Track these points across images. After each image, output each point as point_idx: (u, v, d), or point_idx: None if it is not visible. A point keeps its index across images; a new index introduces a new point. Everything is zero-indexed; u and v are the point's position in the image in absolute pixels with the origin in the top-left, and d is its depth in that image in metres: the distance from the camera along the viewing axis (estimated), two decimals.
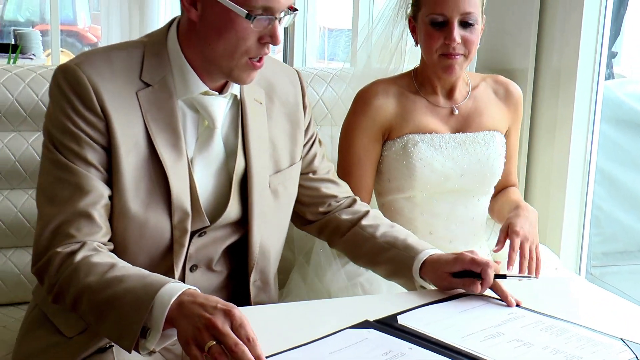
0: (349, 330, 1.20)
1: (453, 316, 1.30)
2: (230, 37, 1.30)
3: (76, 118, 1.29)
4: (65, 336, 1.36)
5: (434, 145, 1.83)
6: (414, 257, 1.47)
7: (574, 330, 1.27)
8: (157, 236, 1.35)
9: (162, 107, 1.34)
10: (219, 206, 1.43)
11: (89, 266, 1.23)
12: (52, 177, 1.30)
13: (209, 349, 1.06)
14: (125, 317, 1.15)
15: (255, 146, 1.45)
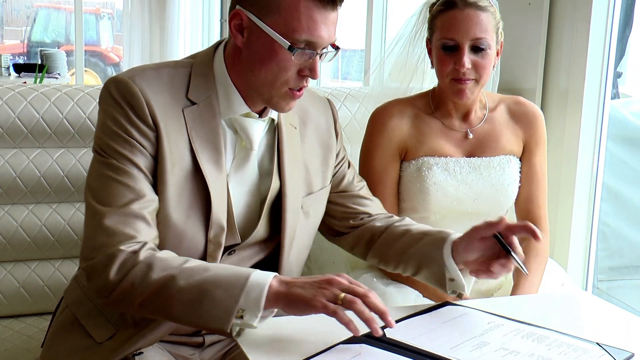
0: (341, 346, 1.19)
1: (438, 327, 1.29)
2: (272, 66, 1.32)
3: (129, 126, 1.30)
4: (95, 341, 1.36)
5: (448, 170, 1.80)
6: (445, 238, 1.44)
7: (552, 336, 1.28)
8: (192, 248, 1.35)
9: (206, 125, 1.36)
10: (249, 225, 1.44)
11: (162, 261, 1.24)
12: (105, 179, 1.29)
13: (342, 299, 1.16)
14: (220, 301, 1.18)
15: (290, 169, 1.46)
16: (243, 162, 1.41)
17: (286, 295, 1.20)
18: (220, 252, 1.38)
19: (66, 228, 1.89)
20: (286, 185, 1.45)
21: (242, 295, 1.19)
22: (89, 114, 1.89)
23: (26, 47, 9.67)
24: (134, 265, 1.23)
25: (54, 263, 1.92)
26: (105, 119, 1.33)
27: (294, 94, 1.36)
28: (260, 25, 1.30)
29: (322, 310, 1.18)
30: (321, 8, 1.29)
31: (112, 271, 1.23)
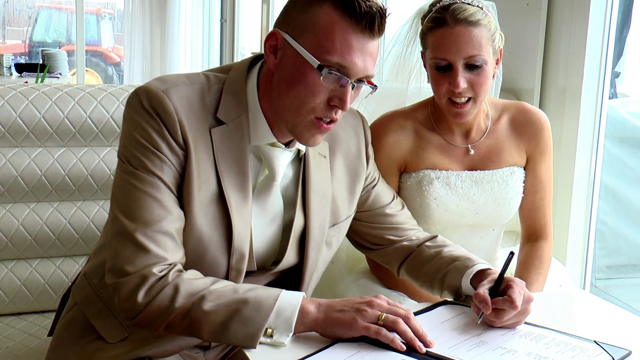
0: (340, 344, 1.20)
1: (436, 327, 1.29)
2: (300, 89, 1.25)
3: (159, 141, 1.26)
4: (106, 341, 1.35)
5: (449, 185, 1.73)
6: (470, 266, 1.43)
7: (550, 335, 1.28)
8: (213, 272, 1.32)
9: (233, 147, 1.31)
10: (269, 255, 1.41)
11: (189, 283, 1.23)
12: (132, 191, 1.26)
13: (384, 319, 1.20)
14: (248, 319, 1.19)
15: (317, 202, 1.41)
16: (264, 191, 1.36)
17: (325, 321, 1.21)
18: (241, 279, 1.36)
19: (67, 227, 1.89)
20: (311, 219, 1.40)
21: (272, 315, 1.20)
22: (90, 114, 1.89)
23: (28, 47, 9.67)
24: (162, 288, 1.22)
25: (55, 261, 1.92)
26: (132, 129, 1.28)
27: (321, 125, 1.28)
28: (293, 44, 1.25)
29: (363, 332, 1.19)
30: (358, 33, 1.23)
31: (141, 294, 1.22)
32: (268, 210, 1.38)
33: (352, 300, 1.24)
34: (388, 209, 1.59)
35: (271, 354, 1.18)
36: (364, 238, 1.61)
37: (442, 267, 1.48)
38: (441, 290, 1.48)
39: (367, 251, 1.64)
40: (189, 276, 1.25)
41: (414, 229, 1.61)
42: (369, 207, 1.57)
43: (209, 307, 1.21)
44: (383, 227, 1.58)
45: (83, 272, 1.47)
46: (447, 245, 1.55)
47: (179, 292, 1.22)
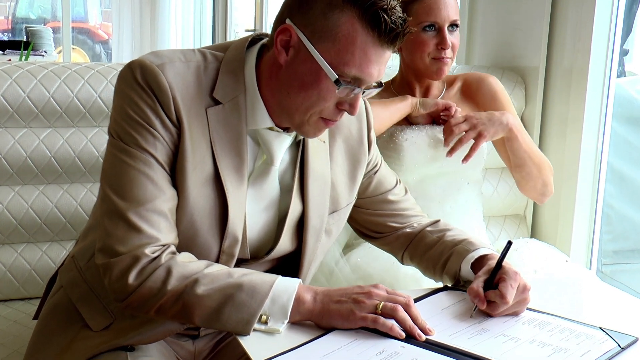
0: (337, 332, 1.20)
1: (436, 314, 1.30)
2: (312, 94, 1.26)
3: (153, 117, 1.26)
4: (90, 329, 1.36)
5: (418, 129, 1.96)
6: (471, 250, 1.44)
7: (554, 322, 1.28)
8: (204, 255, 1.32)
9: (230, 128, 1.31)
10: (263, 243, 1.41)
11: (182, 266, 1.23)
12: (124, 168, 1.26)
13: (382, 308, 1.21)
14: (242, 305, 1.20)
15: (315, 188, 1.41)
16: (262, 176, 1.37)
17: (321, 312, 1.22)
18: (233, 263, 1.36)
19: (54, 211, 1.89)
20: (309, 207, 1.41)
21: (267, 301, 1.20)
22: (76, 93, 1.88)
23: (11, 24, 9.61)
24: (154, 270, 1.22)
25: (41, 246, 1.92)
26: (124, 104, 1.27)
27: (327, 123, 1.31)
28: (310, 49, 1.24)
29: (361, 323, 1.20)
30: (377, 46, 1.24)
31: (132, 275, 1.22)
32: (264, 196, 1.38)
33: (350, 290, 1.25)
34: (391, 195, 1.59)
35: (266, 342, 1.18)
36: (365, 226, 1.61)
37: (444, 252, 1.49)
38: (442, 275, 1.49)
39: (369, 239, 1.65)
40: (183, 259, 1.25)
41: (418, 215, 1.62)
42: (370, 193, 1.57)
43: (202, 291, 1.21)
44: (385, 214, 1.58)
45: (71, 254, 1.47)
46: (450, 229, 1.55)
47: (171, 275, 1.22)
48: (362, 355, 1.13)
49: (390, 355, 1.13)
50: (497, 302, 1.28)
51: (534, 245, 2.20)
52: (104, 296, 1.36)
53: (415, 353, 1.14)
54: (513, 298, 1.28)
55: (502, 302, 1.27)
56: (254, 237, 1.39)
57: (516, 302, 1.30)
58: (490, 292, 1.30)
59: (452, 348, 1.16)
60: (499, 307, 1.29)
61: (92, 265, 1.35)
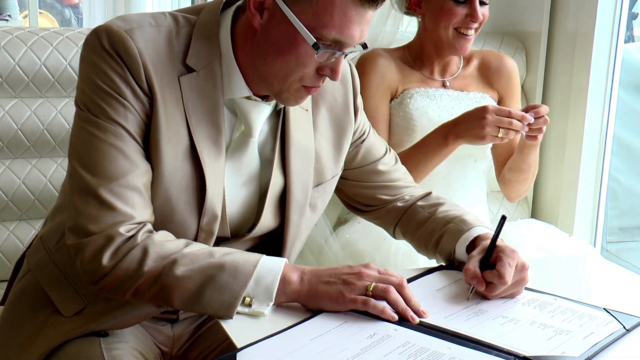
0: (325, 314, 1.21)
1: (430, 295, 1.30)
2: (289, 60, 1.25)
3: (122, 86, 1.25)
4: (61, 314, 1.35)
5: (429, 97, 1.99)
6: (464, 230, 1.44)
7: (555, 302, 1.29)
8: (181, 233, 1.31)
9: (205, 97, 1.30)
10: (244, 220, 1.41)
11: (160, 245, 1.23)
12: (94, 141, 1.25)
13: (372, 289, 1.21)
14: (225, 287, 1.20)
15: (298, 160, 1.41)
16: (240, 149, 1.36)
17: (309, 293, 1.22)
18: (212, 241, 1.36)
19: (21, 187, 1.88)
20: (291, 180, 1.40)
21: (251, 282, 1.20)
22: (44, 61, 1.86)
23: None
24: (129, 250, 1.22)
25: (8, 225, 1.91)
26: (91, 73, 1.26)
27: (309, 90, 1.30)
28: (285, 11, 1.22)
29: (351, 306, 1.20)
30: (358, 5, 1.22)
31: (106, 256, 1.21)
32: (243, 170, 1.38)
33: (340, 270, 1.25)
34: (380, 164, 1.59)
35: (249, 325, 1.18)
36: (354, 199, 1.61)
37: (436, 230, 1.49)
38: (434, 254, 1.50)
39: (358, 212, 1.65)
40: (160, 237, 1.25)
41: (409, 186, 1.62)
42: (358, 163, 1.57)
43: (181, 272, 1.21)
44: (375, 185, 1.59)
45: (39, 235, 1.47)
46: (441, 203, 1.55)
47: (148, 255, 1.22)
48: (351, 339, 1.13)
49: (382, 339, 1.13)
50: (494, 282, 1.28)
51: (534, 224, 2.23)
52: (76, 280, 1.36)
53: (409, 336, 1.14)
54: (512, 278, 1.29)
55: (500, 282, 1.28)
56: (234, 214, 1.38)
57: (514, 282, 1.30)
58: (486, 272, 1.29)
59: (447, 331, 1.17)
60: (497, 289, 1.29)
61: (62, 247, 1.35)
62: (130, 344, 1.36)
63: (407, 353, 1.09)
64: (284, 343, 1.12)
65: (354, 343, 1.12)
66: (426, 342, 1.12)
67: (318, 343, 1.12)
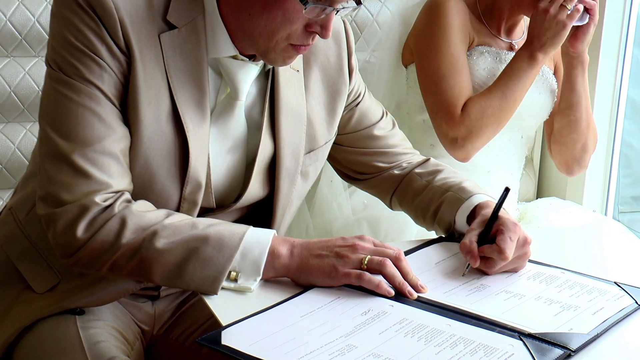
0: (316, 290, 1.21)
1: (429, 269, 1.30)
2: (276, 16, 1.24)
3: (98, 45, 1.23)
4: (33, 291, 1.35)
5: (499, 59, 1.97)
6: (464, 199, 1.44)
7: (563, 276, 1.30)
8: (162, 203, 1.31)
9: (188, 57, 1.29)
10: (230, 189, 1.41)
11: (139, 216, 1.22)
12: (66, 103, 1.24)
13: (367, 262, 1.21)
14: (209, 260, 1.20)
15: (288, 125, 1.40)
16: (225, 113, 1.35)
17: (300, 267, 1.22)
18: (196, 212, 1.36)
19: None
20: (281, 146, 1.40)
21: (237, 255, 1.20)
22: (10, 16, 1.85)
23: None
24: (106, 221, 1.21)
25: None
26: (63, 29, 1.25)
27: (298, 49, 1.29)
28: None
29: (344, 280, 1.21)
30: None
31: (81, 227, 1.21)
32: (229, 136, 1.37)
33: (332, 242, 1.25)
34: (376, 129, 1.58)
35: (236, 302, 1.18)
36: (348, 166, 1.61)
37: (433, 200, 1.49)
38: (433, 225, 1.50)
39: (353, 181, 1.65)
40: (139, 207, 1.25)
41: (407, 152, 1.62)
42: (353, 128, 1.57)
43: (162, 245, 1.21)
44: (370, 152, 1.58)
45: (8, 206, 1.47)
46: (439, 170, 1.55)
47: (126, 226, 1.21)
48: (345, 315, 1.14)
49: (377, 315, 1.14)
50: (494, 258, 1.29)
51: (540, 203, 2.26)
52: (48, 253, 1.36)
53: (406, 312, 1.15)
54: (513, 253, 1.29)
55: (500, 257, 1.28)
56: (219, 182, 1.38)
57: (516, 257, 1.30)
58: (486, 246, 1.30)
59: (447, 307, 1.17)
60: (496, 264, 1.29)
61: (34, 218, 1.35)
62: (108, 322, 1.36)
63: (404, 330, 1.10)
64: (272, 320, 1.12)
65: (348, 320, 1.12)
66: (424, 319, 1.13)
67: (309, 320, 1.12)
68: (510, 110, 1.88)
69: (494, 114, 1.86)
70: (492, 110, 1.85)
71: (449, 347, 1.05)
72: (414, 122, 2.04)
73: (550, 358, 1.03)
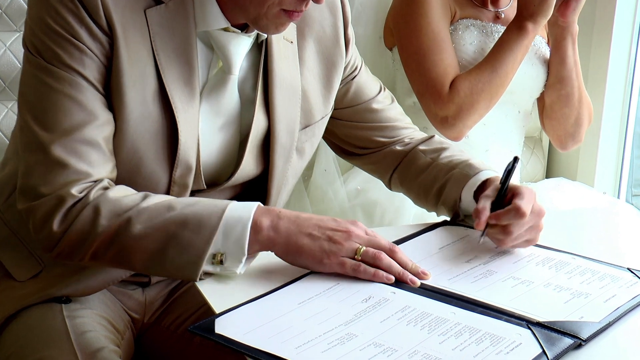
0: (314, 275, 1.21)
1: (433, 254, 1.31)
2: None
3: (78, 28, 1.23)
4: (15, 279, 1.36)
5: (486, 33, 1.98)
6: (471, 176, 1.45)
7: (574, 262, 1.30)
8: (151, 188, 1.31)
9: (176, 32, 1.29)
10: (222, 168, 1.41)
11: (113, 202, 1.22)
12: (46, 91, 1.23)
13: (362, 253, 1.20)
14: (187, 245, 1.18)
15: (282, 99, 1.40)
16: (218, 88, 1.35)
17: (287, 244, 1.21)
18: (187, 194, 1.35)
19: None
20: (276, 121, 1.40)
21: (218, 235, 1.19)
22: None
23: None
24: (80, 211, 1.21)
25: None
26: (42, 10, 1.24)
27: (290, 15, 1.28)
28: None
29: (337, 269, 1.20)
30: None
31: (57, 220, 1.21)
32: (221, 112, 1.37)
33: (325, 223, 1.24)
34: (375, 103, 1.59)
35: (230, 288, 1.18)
36: (347, 141, 1.61)
37: (438, 177, 1.49)
38: (436, 205, 1.50)
39: (351, 158, 1.65)
40: (115, 193, 1.24)
41: (408, 127, 1.62)
42: (350, 102, 1.57)
43: (138, 231, 1.20)
44: (370, 126, 1.59)
45: None
46: (445, 148, 1.56)
47: (100, 214, 1.21)
48: (344, 302, 1.14)
49: (378, 303, 1.14)
50: (510, 221, 1.28)
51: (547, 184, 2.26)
52: (29, 240, 1.36)
53: (408, 300, 1.15)
54: (529, 213, 1.29)
55: (517, 216, 1.28)
56: (211, 161, 1.38)
57: (529, 227, 1.31)
58: (500, 212, 1.30)
59: (451, 294, 1.17)
60: (514, 229, 1.29)
61: (14, 203, 1.34)
62: (96, 311, 1.37)
63: (407, 319, 1.10)
64: (268, 308, 1.12)
65: (347, 307, 1.12)
66: (428, 307, 1.13)
67: (306, 308, 1.12)
68: (502, 85, 1.88)
69: (485, 89, 1.86)
70: (483, 85, 1.86)
71: (454, 337, 1.05)
72: (404, 105, 2.04)
73: (559, 348, 1.03)
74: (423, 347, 1.03)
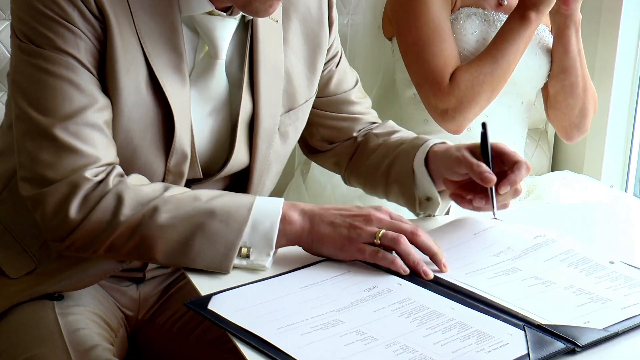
0: (327, 262, 1.22)
1: (465, 242, 1.29)
2: None
3: (70, 10, 1.22)
4: (7, 276, 1.35)
5: (488, 21, 1.97)
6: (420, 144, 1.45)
7: (610, 267, 1.23)
8: (146, 176, 1.30)
9: (160, 18, 1.29)
10: (215, 156, 1.40)
11: (136, 191, 1.21)
12: (42, 76, 1.23)
13: (381, 237, 1.20)
14: (217, 236, 1.19)
15: (267, 80, 1.40)
16: (205, 73, 1.35)
17: (311, 234, 1.22)
18: (182, 184, 1.35)
19: None
20: (260, 104, 1.39)
21: (247, 228, 1.19)
22: None
23: None
24: (101, 197, 1.20)
25: None
26: None
27: None
28: None
29: (357, 256, 1.20)
30: None
31: (74, 207, 1.19)
32: (210, 98, 1.37)
33: (346, 211, 1.24)
34: (352, 94, 1.59)
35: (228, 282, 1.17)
36: (316, 134, 1.61)
37: (388, 154, 1.49)
38: (386, 184, 1.49)
39: (315, 155, 1.65)
40: (134, 181, 1.24)
41: (376, 121, 1.63)
42: (331, 91, 1.57)
43: (164, 220, 1.19)
44: (345, 117, 1.59)
45: None
46: (398, 130, 1.56)
47: (123, 202, 1.20)
48: (346, 290, 1.13)
49: (379, 293, 1.13)
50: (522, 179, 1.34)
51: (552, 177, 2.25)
52: (23, 237, 1.36)
53: (411, 292, 1.14)
54: None
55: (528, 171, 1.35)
56: (204, 149, 1.38)
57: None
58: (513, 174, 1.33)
59: (459, 288, 1.16)
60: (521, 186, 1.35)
61: (6, 199, 1.34)
62: (89, 308, 1.37)
63: (401, 310, 1.09)
64: (268, 290, 1.13)
65: (347, 295, 1.12)
66: (428, 300, 1.12)
67: (307, 292, 1.12)
68: (504, 76, 1.88)
69: (486, 81, 1.86)
70: (484, 77, 1.85)
71: (441, 331, 1.04)
72: (405, 97, 2.04)
73: (546, 352, 1.00)
74: (404, 339, 1.02)
